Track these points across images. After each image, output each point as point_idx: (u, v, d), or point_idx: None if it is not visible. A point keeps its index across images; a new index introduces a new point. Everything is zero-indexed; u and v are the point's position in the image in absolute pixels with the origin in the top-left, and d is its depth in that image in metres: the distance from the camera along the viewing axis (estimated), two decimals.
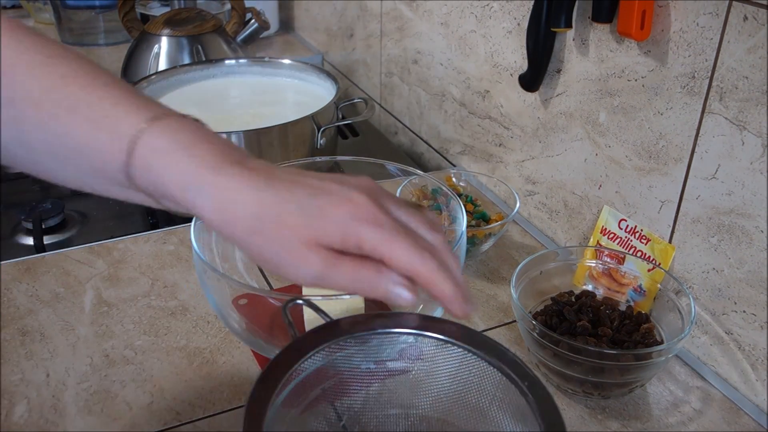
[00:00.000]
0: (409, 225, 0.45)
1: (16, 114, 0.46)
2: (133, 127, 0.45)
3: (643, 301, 0.74)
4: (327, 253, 0.42)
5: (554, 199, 0.89)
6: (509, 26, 0.91)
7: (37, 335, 0.73)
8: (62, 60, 0.47)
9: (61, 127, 0.46)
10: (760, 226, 0.62)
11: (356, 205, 0.43)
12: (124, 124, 0.45)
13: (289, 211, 0.42)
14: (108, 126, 0.45)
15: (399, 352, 0.51)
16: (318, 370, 0.48)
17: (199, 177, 0.44)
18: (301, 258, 0.42)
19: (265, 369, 0.45)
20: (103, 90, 0.46)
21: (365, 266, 0.42)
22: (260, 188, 0.43)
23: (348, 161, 0.85)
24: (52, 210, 0.98)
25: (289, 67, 1.17)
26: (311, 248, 0.42)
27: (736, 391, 0.68)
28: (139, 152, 0.45)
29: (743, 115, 0.62)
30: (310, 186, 0.44)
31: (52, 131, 0.46)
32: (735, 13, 0.61)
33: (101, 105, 0.46)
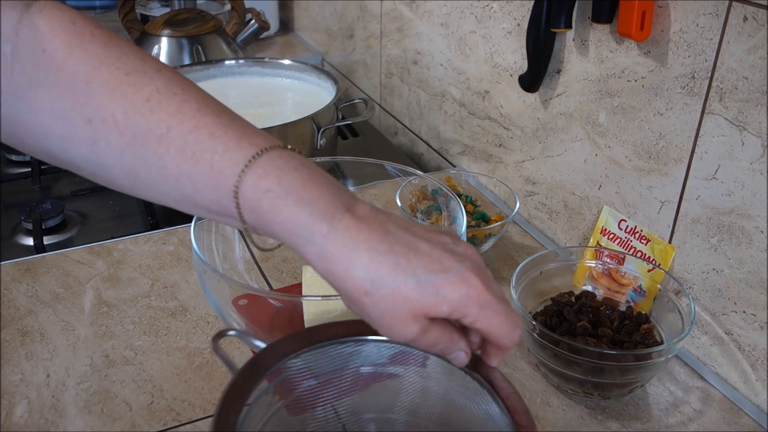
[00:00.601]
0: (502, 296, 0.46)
1: (93, 135, 0.44)
2: (236, 165, 0.44)
3: (643, 301, 0.74)
4: (425, 322, 0.44)
5: (554, 199, 0.89)
6: (509, 27, 0.91)
7: (37, 335, 0.73)
8: (143, 77, 0.45)
9: (151, 156, 0.44)
10: (760, 226, 0.62)
11: (471, 287, 0.43)
12: (226, 162, 0.44)
13: (408, 285, 0.43)
14: (207, 162, 0.44)
15: (389, 357, 0.52)
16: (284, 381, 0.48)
17: (310, 226, 0.43)
18: (404, 325, 0.43)
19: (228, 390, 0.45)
20: (194, 118, 0.45)
21: (446, 334, 0.45)
22: (378, 250, 0.43)
23: (348, 162, 0.85)
24: (52, 210, 0.98)
25: (289, 68, 1.18)
26: (416, 319, 0.43)
27: (736, 391, 0.68)
28: (245, 194, 0.44)
29: (743, 116, 0.62)
30: (428, 256, 0.44)
31: (139, 157, 0.44)
32: (735, 14, 0.61)
33: (196, 136, 0.44)
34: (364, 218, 0.44)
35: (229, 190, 0.44)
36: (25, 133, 0.45)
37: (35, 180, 1.07)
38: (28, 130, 0.45)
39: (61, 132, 0.45)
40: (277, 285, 0.81)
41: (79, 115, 0.44)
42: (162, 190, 0.46)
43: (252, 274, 0.80)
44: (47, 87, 0.44)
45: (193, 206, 0.47)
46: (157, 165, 0.45)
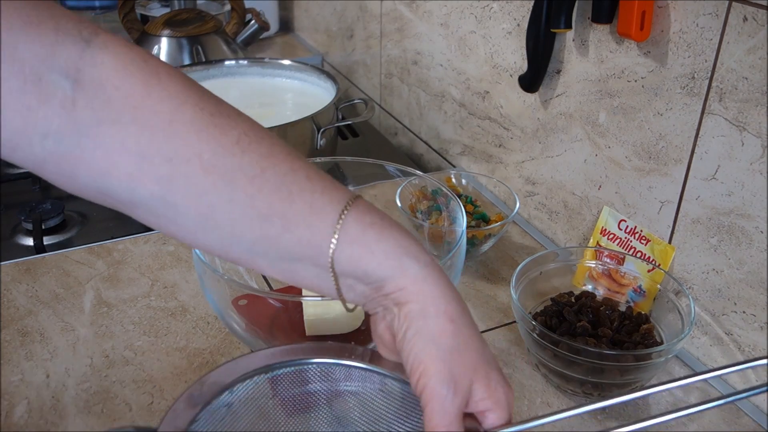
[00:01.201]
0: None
1: (172, 173, 0.43)
2: (339, 203, 0.45)
3: (643, 301, 0.74)
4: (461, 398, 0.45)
5: (554, 199, 0.89)
6: (509, 27, 0.91)
7: (37, 336, 0.73)
8: (228, 120, 0.45)
9: (239, 195, 0.44)
10: (760, 226, 0.62)
11: (508, 392, 0.47)
12: (326, 200, 0.45)
13: (476, 348, 0.46)
14: (306, 201, 0.45)
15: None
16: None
17: (416, 253, 0.46)
18: (451, 382, 0.45)
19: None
20: (288, 161, 0.46)
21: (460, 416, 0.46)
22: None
23: (348, 162, 0.85)
24: (52, 210, 0.98)
25: (289, 68, 1.18)
26: (461, 385, 0.45)
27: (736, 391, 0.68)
28: (348, 227, 0.45)
29: (743, 116, 0.62)
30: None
31: (222, 197, 0.44)
32: (735, 14, 0.61)
33: (293, 178, 0.45)
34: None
35: (330, 225, 0.45)
36: (85, 170, 0.43)
37: (35, 180, 1.07)
38: (90, 168, 0.43)
39: (132, 170, 0.43)
40: (277, 285, 0.81)
41: (157, 153, 0.43)
42: (237, 232, 0.45)
43: (252, 274, 0.80)
44: (121, 124, 0.42)
45: (268, 247, 0.46)
46: (244, 204, 0.44)
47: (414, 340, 0.45)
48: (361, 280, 0.46)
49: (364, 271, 0.46)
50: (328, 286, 0.47)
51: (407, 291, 0.46)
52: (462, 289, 0.82)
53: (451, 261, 0.65)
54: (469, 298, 0.81)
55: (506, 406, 0.46)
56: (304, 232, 0.45)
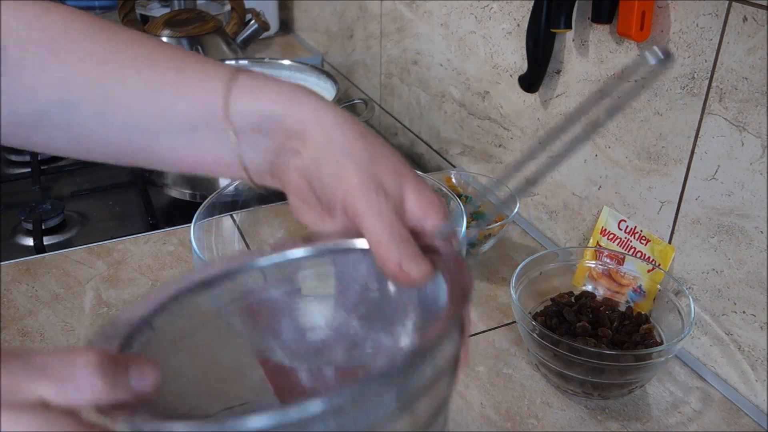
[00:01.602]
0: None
1: (66, 74, 0.46)
2: (227, 70, 0.47)
3: (643, 301, 0.74)
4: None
5: (554, 200, 0.89)
6: (509, 27, 0.91)
7: (37, 336, 0.73)
8: (119, 27, 0.48)
9: (131, 74, 0.46)
10: (760, 226, 0.62)
11: (439, 196, 0.46)
12: (216, 68, 0.47)
13: (395, 155, 0.45)
14: (198, 69, 0.47)
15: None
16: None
17: (310, 93, 0.46)
18: (379, 186, 0.43)
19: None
20: (174, 49, 0.49)
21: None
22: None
23: None
24: (52, 211, 0.98)
25: (289, 68, 1.17)
26: (390, 186, 0.44)
27: (736, 391, 0.68)
28: (242, 81, 0.46)
29: (743, 116, 0.62)
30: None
31: (115, 81, 0.46)
32: (734, 14, 0.61)
33: (182, 55, 0.48)
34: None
35: (222, 82, 0.46)
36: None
37: (35, 180, 1.07)
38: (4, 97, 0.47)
39: (32, 81, 0.46)
40: None
41: (54, 60, 0.46)
42: (134, 114, 0.47)
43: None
44: (21, 45, 0.46)
45: (165, 122, 0.47)
46: (137, 84, 0.46)
47: (328, 164, 0.44)
48: (260, 130, 0.46)
49: (260, 113, 0.45)
50: (230, 155, 0.47)
51: (308, 122, 0.45)
52: None
53: None
54: None
55: (441, 209, 0.45)
56: (199, 94, 0.46)
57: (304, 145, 0.45)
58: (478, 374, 0.69)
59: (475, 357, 0.72)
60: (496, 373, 0.70)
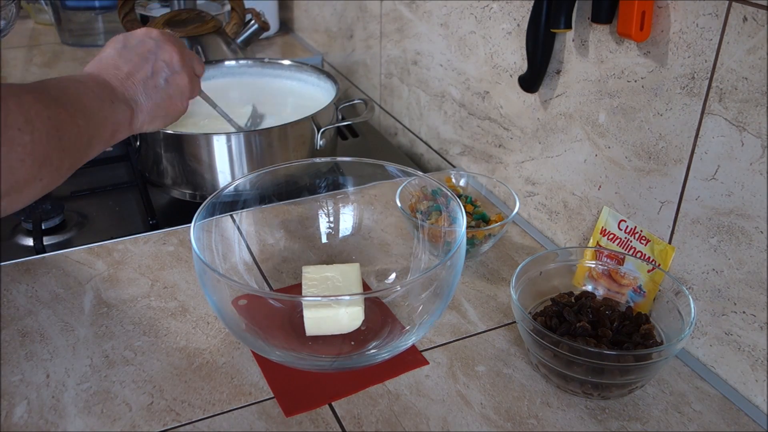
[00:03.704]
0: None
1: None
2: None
3: (643, 301, 0.74)
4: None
5: (554, 200, 0.89)
6: (509, 27, 0.91)
7: (37, 336, 0.73)
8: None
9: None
10: (760, 226, 0.62)
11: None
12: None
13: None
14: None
15: None
16: None
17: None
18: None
19: None
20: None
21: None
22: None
23: (348, 162, 0.85)
24: (51, 211, 0.98)
25: (289, 68, 1.18)
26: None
27: (736, 391, 0.68)
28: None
29: (743, 116, 0.62)
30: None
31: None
32: (734, 14, 0.61)
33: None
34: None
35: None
36: None
37: None
38: None
39: None
40: (277, 285, 0.81)
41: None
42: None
43: (252, 275, 0.80)
44: None
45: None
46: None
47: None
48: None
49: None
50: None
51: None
52: (462, 289, 0.82)
53: (451, 261, 0.65)
54: (469, 298, 0.81)
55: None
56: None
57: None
58: (478, 374, 0.69)
59: (475, 357, 0.72)
60: (496, 373, 0.70)
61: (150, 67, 0.80)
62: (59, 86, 0.67)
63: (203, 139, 0.94)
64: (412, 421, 0.64)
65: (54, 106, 0.62)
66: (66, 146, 0.63)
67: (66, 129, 0.63)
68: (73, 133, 0.64)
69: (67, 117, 0.64)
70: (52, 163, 0.61)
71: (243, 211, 0.81)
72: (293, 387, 0.67)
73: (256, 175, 0.79)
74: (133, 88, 0.77)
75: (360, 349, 0.70)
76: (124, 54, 0.80)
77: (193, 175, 0.97)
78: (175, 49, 0.83)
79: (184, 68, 0.83)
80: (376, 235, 0.86)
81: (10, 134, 0.56)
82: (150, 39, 0.82)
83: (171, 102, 0.82)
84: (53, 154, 0.61)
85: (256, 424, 0.63)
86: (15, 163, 0.57)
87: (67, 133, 0.63)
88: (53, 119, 0.61)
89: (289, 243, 0.86)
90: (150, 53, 0.81)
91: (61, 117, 0.63)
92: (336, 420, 0.64)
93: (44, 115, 0.60)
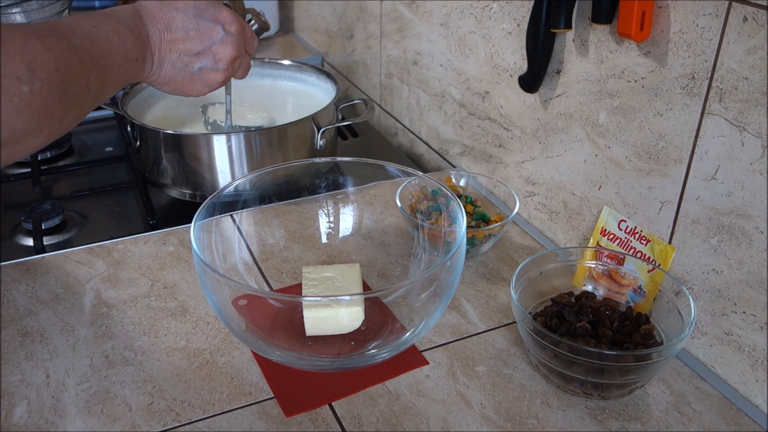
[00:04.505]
0: None
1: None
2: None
3: (643, 302, 0.74)
4: None
5: (554, 200, 0.89)
6: (509, 27, 0.91)
7: (37, 336, 0.73)
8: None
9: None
10: (760, 227, 0.62)
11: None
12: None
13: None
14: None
15: None
16: None
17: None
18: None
19: None
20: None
21: None
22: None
23: (348, 162, 0.86)
24: (51, 211, 0.98)
25: (289, 68, 1.18)
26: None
27: (736, 391, 0.68)
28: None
29: (743, 116, 0.62)
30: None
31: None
32: (735, 14, 0.61)
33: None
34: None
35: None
36: None
37: (35, 180, 1.07)
38: None
39: None
40: (277, 285, 0.81)
41: None
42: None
43: (252, 275, 0.80)
44: None
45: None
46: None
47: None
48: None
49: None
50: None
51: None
52: (462, 289, 0.82)
53: (451, 261, 0.65)
54: (469, 298, 0.81)
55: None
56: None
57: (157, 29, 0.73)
58: (478, 374, 0.69)
59: (475, 357, 0.72)
60: (496, 373, 0.70)
61: (198, 48, 0.76)
62: (88, 35, 0.61)
63: (203, 139, 0.94)
64: (412, 421, 0.64)
65: (68, 57, 0.58)
66: (71, 99, 0.58)
67: (74, 82, 0.58)
68: (81, 86, 0.60)
69: (79, 70, 0.59)
70: (53, 116, 0.57)
71: (243, 211, 0.81)
72: (293, 387, 0.67)
73: (256, 175, 0.79)
74: (166, 54, 0.74)
75: (360, 349, 0.70)
76: (188, 20, 0.75)
77: (193, 175, 0.97)
78: (236, 51, 0.79)
79: (228, 70, 0.80)
80: (376, 235, 0.87)
81: (6, 83, 0.52)
82: (222, 29, 0.78)
83: (191, 85, 0.78)
84: (56, 107, 0.57)
85: (256, 424, 0.63)
86: (10, 114, 0.53)
87: (75, 87, 0.59)
88: (62, 71, 0.57)
89: (289, 243, 0.86)
90: (209, 39, 0.76)
91: (72, 69, 0.58)
92: (336, 420, 0.64)
93: (52, 66, 0.56)
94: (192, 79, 0.78)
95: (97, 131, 1.28)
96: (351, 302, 0.70)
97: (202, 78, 0.79)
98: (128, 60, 0.68)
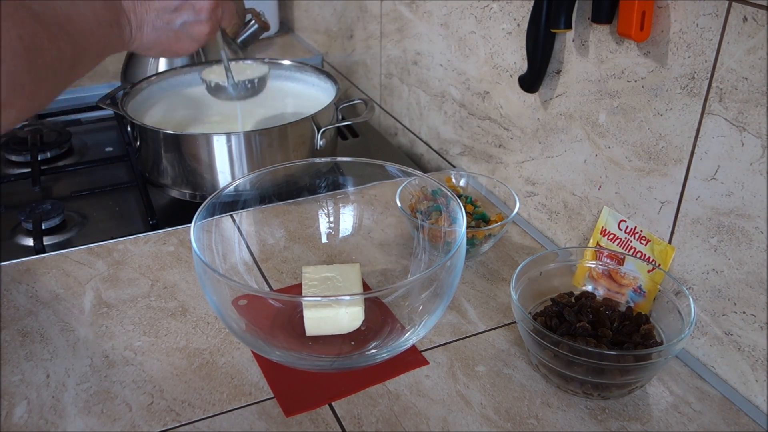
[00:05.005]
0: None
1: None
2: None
3: (643, 302, 0.74)
4: None
5: (554, 200, 0.89)
6: (509, 27, 0.91)
7: (37, 336, 0.73)
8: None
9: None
10: (760, 227, 0.62)
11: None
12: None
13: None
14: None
15: None
16: None
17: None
18: None
19: None
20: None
21: None
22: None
23: (348, 162, 0.86)
24: (51, 211, 0.98)
25: (289, 68, 1.18)
26: None
27: (736, 391, 0.68)
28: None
29: (743, 116, 0.62)
30: None
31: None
32: (734, 14, 0.61)
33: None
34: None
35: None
36: None
37: (35, 180, 1.07)
38: None
39: None
40: (277, 285, 0.81)
41: None
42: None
43: (252, 275, 0.80)
44: None
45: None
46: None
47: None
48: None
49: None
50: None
51: None
52: (462, 289, 0.82)
53: (451, 261, 0.65)
54: (469, 298, 0.81)
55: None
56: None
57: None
58: (478, 374, 0.69)
59: (475, 357, 0.72)
60: (496, 373, 0.70)
61: (176, 3, 0.75)
62: (50, 1, 0.59)
63: (203, 139, 0.94)
64: (412, 421, 0.64)
65: (30, 24, 0.55)
66: (41, 71, 0.56)
67: (42, 52, 0.56)
68: (52, 56, 0.57)
69: (45, 38, 0.56)
70: (23, 89, 0.55)
71: (243, 211, 0.81)
72: (293, 387, 0.67)
73: (256, 175, 0.79)
74: (143, 15, 0.72)
75: (360, 349, 0.70)
76: None
77: (193, 175, 0.97)
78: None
79: (211, 20, 0.79)
80: (376, 235, 0.86)
81: None
82: None
83: (177, 43, 0.77)
84: (24, 78, 0.54)
85: (256, 424, 0.63)
86: None
87: (43, 57, 0.56)
88: (25, 39, 0.54)
89: (289, 243, 0.86)
90: None
91: (37, 38, 0.55)
92: (336, 420, 0.64)
93: (13, 33, 0.53)
94: (177, 36, 0.77)
95: (97, 131, 1.28)
96: (351, 302, 0.70)
97: (188, 33, 0.77)
98: (100, 25, 0.66)
